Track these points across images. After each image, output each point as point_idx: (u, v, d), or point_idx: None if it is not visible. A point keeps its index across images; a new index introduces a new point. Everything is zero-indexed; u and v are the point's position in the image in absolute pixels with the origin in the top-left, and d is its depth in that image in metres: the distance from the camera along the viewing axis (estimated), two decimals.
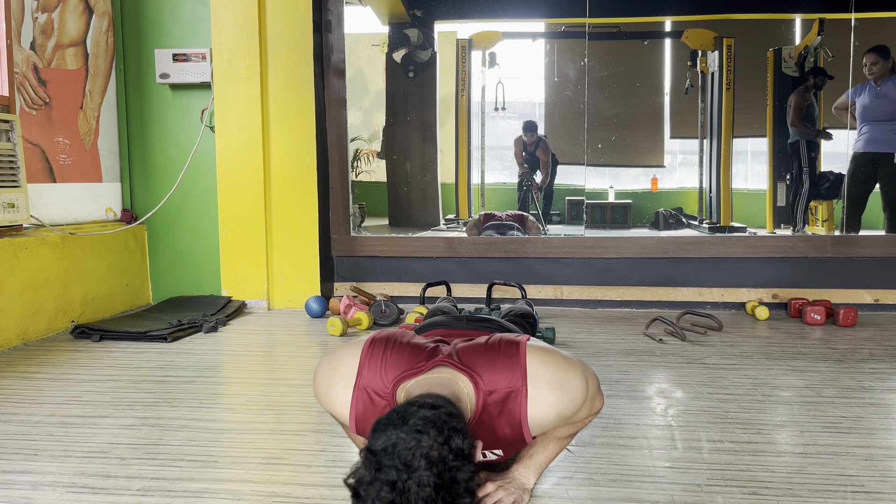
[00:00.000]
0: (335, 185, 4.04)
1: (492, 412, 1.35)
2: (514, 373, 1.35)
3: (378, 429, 1.16)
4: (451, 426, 1.16)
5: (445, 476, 1.10)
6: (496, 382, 1.34)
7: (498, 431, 1.37)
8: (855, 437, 1.89)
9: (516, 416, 1.35)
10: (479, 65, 6.87)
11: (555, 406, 1.35)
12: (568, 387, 1.36)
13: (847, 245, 3.77)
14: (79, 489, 1.59)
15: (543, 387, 1.35)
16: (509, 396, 1.34)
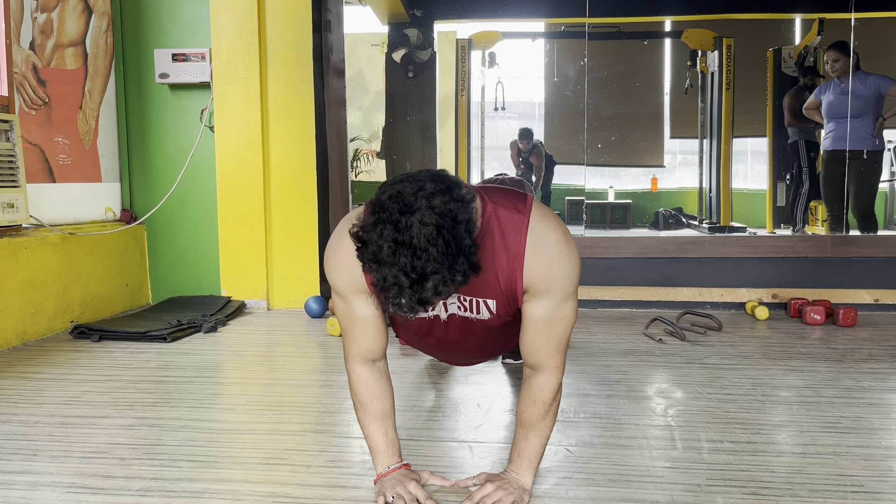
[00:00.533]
0: (335, 185, 4.04)
1: (494, 234, 1.36)
2: (521, 205, 1.40)
3: (384, 185, 1.21)
4: (451, 180, 1.22)
5: (447, 216, 1.15)
6: (503, 204, 1.39)
7: (497, 262, 1.38)
8: (854, 437, 1.89)
9: (515, 247, 1.37)
10: (479, 65, 6.88)
11: (551, 254, 1.38)
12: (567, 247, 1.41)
13: (847, 245, 3.77)
14: (78, 489, 1.59)
15: (544, 229, 1.39)
16: (511, 223, 1.37)
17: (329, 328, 3.22)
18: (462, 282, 1.19)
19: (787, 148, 6.38)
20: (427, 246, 1.13)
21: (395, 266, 1.13)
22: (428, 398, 2.27)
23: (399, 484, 1.48)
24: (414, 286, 1.14)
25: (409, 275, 1.14)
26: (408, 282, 1.14)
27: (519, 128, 6.80)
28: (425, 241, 1.13)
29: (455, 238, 1.15)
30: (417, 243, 1.13)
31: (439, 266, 1.14)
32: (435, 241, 1.13)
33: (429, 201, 1.15)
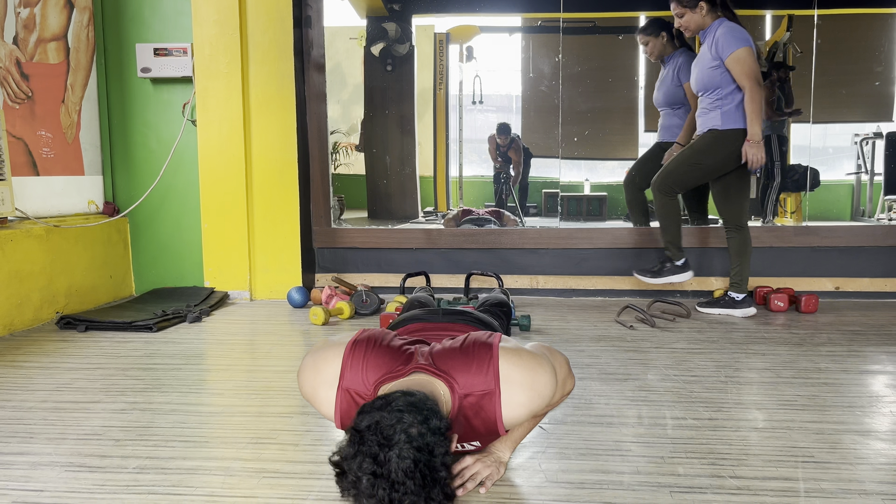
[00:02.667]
0: (316, 177, 4.12)
1: (468, 413, 1.43)
2: (487, 376, 1.43)
3: (363, 411, 1.26)
4: (429, 407, 1.27)
5: (424, 450, 1.20)
6: (471, 386, 1.43)
7: (474, 429, 1.46)
8: (808, 413, 2.03)
9: (491, 416, 1.43)
10: (457, 59, 6.95)
11: (526, 406, 1.44)
12: (538, 386, 1.44)
13: (809, 235, 3.93)
14: (76, 468, 1.67)
15: (515, 389, 1.43)
16: (483, 398, 1.43)
17: (312, 317, 3.30)
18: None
19: None
20: (404, 479, 1.18)
21: (373, 498, 1.18)
22: None
23: None
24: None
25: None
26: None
27: (497, 122, 6.89)
28: (403, 475, 1.18)
29: (431, 471, 1.21)
30: (395, 477, 1.18)
31: (416, 498, 1.19)
32: (412, 475, 1.18)
33: (407, 434, 1.20)
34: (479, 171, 7.11)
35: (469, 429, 1.46)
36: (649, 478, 1.59)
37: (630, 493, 1.52)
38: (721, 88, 3.31)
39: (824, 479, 1.58)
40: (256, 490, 1.55)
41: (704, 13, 3.30)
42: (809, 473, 1.61)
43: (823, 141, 7.63)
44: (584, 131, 6.72)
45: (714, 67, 3.30)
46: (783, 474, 1.61)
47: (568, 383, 1.59)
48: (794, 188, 6.46)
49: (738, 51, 3.19)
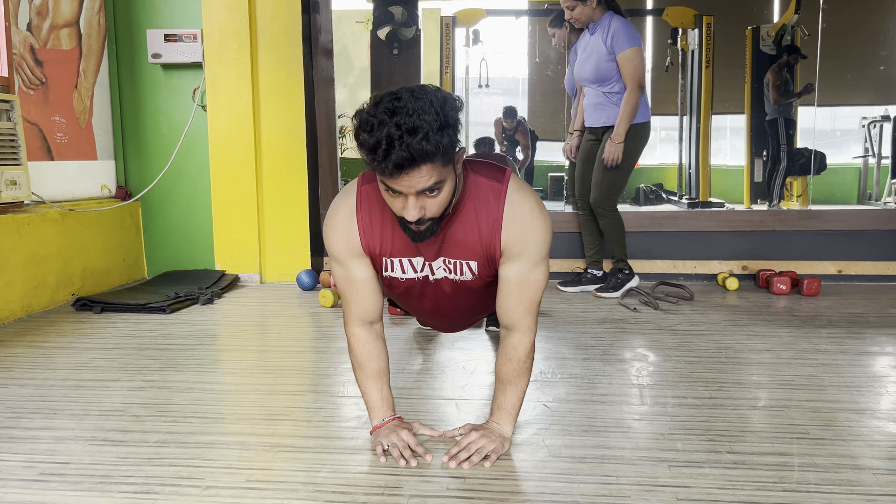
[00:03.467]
0: (324, 162, 4.17)
1: (475, 199, 1.54)
2: (500, 175, 1.56)
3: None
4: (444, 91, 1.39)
5: (439, 95, 1.34)
6: (483, 173, 1.56)
7: (478, 224, 1.55)
8: (805, 392, 2.08)
9: (495, 212, 1.54)
10: (463, 42, 6.96)
11: (525, 221, 1.54)
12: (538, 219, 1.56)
13: (813, 219, 3.96)
14: (100, 442, 1.74)
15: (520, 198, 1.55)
16: (491, 191, 1.54)
17: (321, 300, 3.37)
18: (447, 146, 1.33)
19: (764, 125, 6.56)
20: (419, 110, 1.30)
21: (389, 124, 1.29)
22: (416, 362, 2.43)
23: (392, 433, 1.65)
24: (403, 137, 1.28)
25: (400, 127, 1.29)
26: (398, 133, 1.28)
27: (503, 105, 6.92)
28: (419, 106, 1.30)
29: (444, 111, 1.32)
30: (411, 107, 1.29)
31: (428, 126, 1.29)
32: (427, 110, 1.30)
33: (423, 88, 1.34)
34: None
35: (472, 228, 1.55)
36: (649, 453, 1.65)
37: (630, 466, 1.58)
38: (617, 82, 3.39)
39: (818, 455, 1.64)
40: (272, 463, 1.62)
41: (594, 6, 3.36)
42: (804, 449, 1.67)
43: (832, 124, 7.64)
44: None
45: (610, 60, 3.35)
46: (778, 450, 1.67)
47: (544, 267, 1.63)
48: (800, 172, 6.48)
49: (630, 49, 3.28)
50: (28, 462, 1.63)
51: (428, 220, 1.43)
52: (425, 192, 1.38)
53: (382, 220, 1.59)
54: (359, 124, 1.34)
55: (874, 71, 6.85)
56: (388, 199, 1.43)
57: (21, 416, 1.93)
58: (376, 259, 1.63)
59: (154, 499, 1.45)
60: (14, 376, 2.29)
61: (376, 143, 1.30)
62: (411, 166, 1.31)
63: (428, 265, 1.64)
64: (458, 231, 1.56)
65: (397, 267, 1.64)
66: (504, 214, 1.54)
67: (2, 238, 3.01)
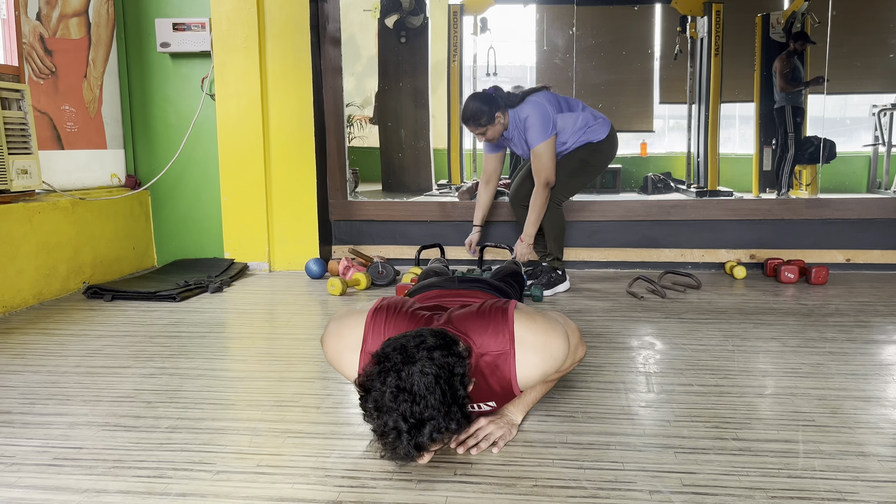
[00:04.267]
0: (332, 151, 4.18)
1: (484, 372, 1.51)
2: (503, 337, 1.50)
3: (388, 342, 1.37)
4: (450, 336, 1.38)
5: (445, 368, 1.31)
6: (487, 346, 1.50)
7: (490, 388, 1.54)
8: (812, 380, 2.09)
9: (506, 376, 1.51)
10: (471, 30, 6.94)
11: (539, 367, 1.52)
12: (551, 349, 1.52)
13: (821, 207, 3.95)
14: (112, 427, 1.77)
15: (529, 351, 1.50)
16: (499, 358, 1.50)
17: (329, 288, 3.39)
18: (455, 430, 1.33)
19: (773, 113, 6.52)
20: (426, 394, 1.27)
21: (396, 412, 1.27)
22: None
23: None
24: (411, 431, 1.28)
25: (407, 419, 1.27)
26: (406, 426, 1.27)
27: None
28: (424, 388, 1.27)
29: (451, 388, 1.30)
30: (417, 390, 1.27)
31: (436, 413, 1.28)
32: (433, 390, 1.28)
33: (429, 353, 1.30)
34: None
35: (485, 388, 1.54)
36: (655, 439, 1.67)
37: (636, 453, 1.60)
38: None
39: (824, 442, 1.65)
40: (282, 448, 1.64)
41: (504, 119, 3.26)
42: (809, 436, 1.68)
43: (843, 112, 7.58)
44: (598, 104, 6.70)
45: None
46: (784, 437, 1.68)
47: (579, 350, 1.66)
48: (809, 160, 6.45)
49: (539, 145, 3.20)
50: (42, 447, 1.66)
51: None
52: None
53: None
54: (363, 392, 1.32)
55: (884, 59, 6.79)
56: None
57: (35, 403, 1.95)
58: None
59: (166, 483, 1.47)
60: (27, 363, 2.32)
61: (383, 431, 1.29)
62: (420, 455, 1.34)
63: None
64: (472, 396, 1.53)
65: None
66: (517, 372, 1.51)
67: (13, 227, 3.04)
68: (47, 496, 1.42)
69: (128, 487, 1.46)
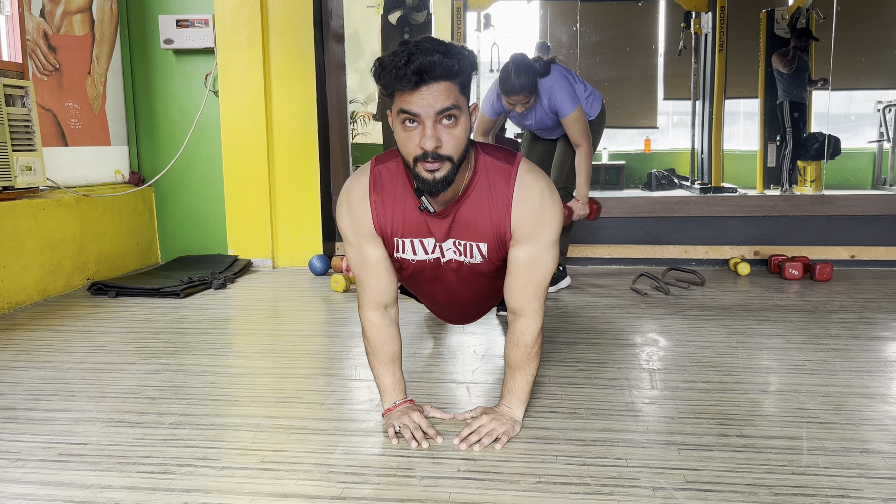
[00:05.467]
0: (335, 147, 4.18)
1: (485, 178, 1.56)
2: (510, 158, 1.58)
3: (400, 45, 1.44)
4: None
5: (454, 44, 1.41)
6: (494, 155, 1.58)
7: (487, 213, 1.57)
8: (816, 377, 2.09)
9: (504, 195, 1.55)
10: (475, 26, 6.93)
11: (535, 203, 1.55)
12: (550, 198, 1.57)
13: (826, 204, 3.94)
14: (117, 423, 1.77)
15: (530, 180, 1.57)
16: (501, 172, 1.56)
17: (333, 284, 3.39)
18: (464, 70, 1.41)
19: (776, 109, 6.51)
20: (436, 43, 1.38)
21: (411, 45, 1.37)
22: (427, 346, 2.45)
23: (404, 415, 1.67)
24: (424, 51, 1.36)
25: (420, 45, 1.37)
26: (418, 49, 1.36)
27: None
28: (436, 42, 1.38)
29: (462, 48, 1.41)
30: (428, 43, 1.38)
31: (447, 48, 1.38)
32: (442, 42, 1.39)
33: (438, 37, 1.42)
34: None
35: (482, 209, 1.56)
36: (658, 436, 1.67)
37: (639, 449, 1.60)
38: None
39: (827, 439, 1.65)
40: (286, 445, 1.64)
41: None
42: (813, 433, 1.68)
43: (847, 108, 7.56)
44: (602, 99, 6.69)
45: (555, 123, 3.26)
46: (788, 434, 1.67)
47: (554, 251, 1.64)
48: (813, 157, 6.43)
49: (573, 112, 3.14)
50: (47, 443, 1.67)
51: (445, 157, 1.43)
52: (442, 120, 1.41)
53: (395, 201, 1.60)
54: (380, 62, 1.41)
55: (889, 54, 6.76)
56: (403, 138, 1.45)
57: (39, 399, 1.96)
58: (388, 240, 1.64)
59: (170, 479, 1.48)
60: (32, 359, 2.33)
61: (397, 57, 1.37)
62: (431, 78, 1.37)
63: (438, 246, 1.65)
64: (468, 212, 1.57)
65: (408, 248, 1.65)
66: (514, 196, 1.55)
67: (18, 223, 3.05)
68: (52, 492, 1.43)
69: (132, 483, 1.46)
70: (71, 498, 1.40)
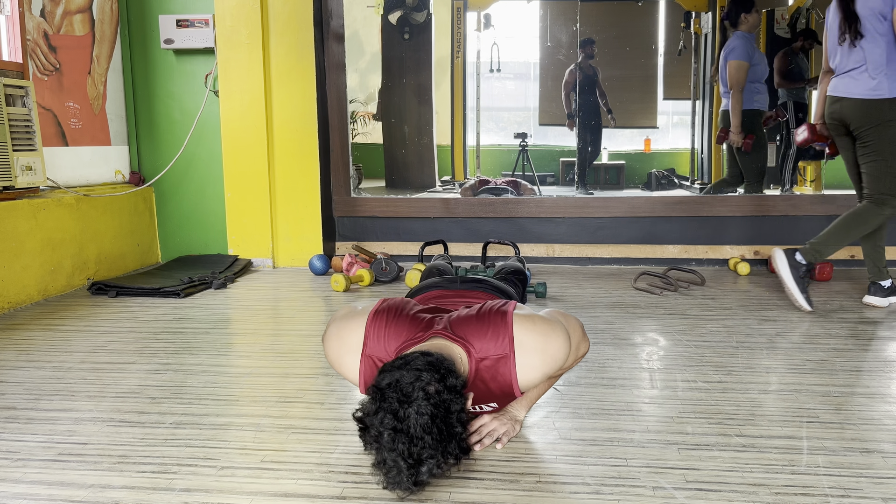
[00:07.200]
0: (335, 147, 4.18)
1: (484, 376, 1.50)
2: (503, 341, 1.49)
3: (384, 370, 1.35)
4: (445, 367, 1.36)
5: (441, 406, 1.29)
6: (487, 350, 1.49)
7: (491, 391, 1.54)
8: (816, 377, 2.09)
9: (506, 379, 1.50)
10: (475, 26, 6.93)
11: (540, 368, 1.51)
12: (551, 350, 1.50)
13: (826, 203, 3.94)
14: (117, 423, 1.78)
15: (529, 353, 1.49)
16: (499, 362, 1.49)
17: (333, 284, 3.39)
18: (454, 463, 1.34)
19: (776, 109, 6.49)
20: (423, 434, 1.27)
21: (394, 451, 1.27)
22: None
23: None
24: (411, 470, 1.28)
25: (406, 460, 1.27)
26: (405, 465, 1.27)
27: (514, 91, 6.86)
28: (421, 430, 1.26)
29: (448, 426, 1.30)
30: (414, 432, 1.26)
31: (433, 452, 1.28)
32: (430, 430, 1.27)
33: (425, 392, 1.29)
34: (497, 139, 7.11)
35: (486, 391, 1.53)
36: (658, 436, 1.67)
37: (639, 449, 1.60)
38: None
39: (827, 438, 1.65)
40: (286, 444, 1.64)
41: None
42: (813, 433, 1.68)
43: None
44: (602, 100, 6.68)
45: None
46: (788, 433, 1.68)
47: (582, 346, 1.65)
48: (813, 157, 6.43)
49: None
50: (47, 443, 1.67)
51: None
52: None
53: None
54: (362, 426, 1.33)
55: None
56: None
57: (40, 398, 1.96)
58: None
59: (171, 478, 1.48)
60: (32, 359, 2.33)
61: (384, 467, 1.30)
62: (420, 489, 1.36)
63: None
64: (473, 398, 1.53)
65: None
66: (518, 375, 1.50)
67: (18, 223, 3.05)
68: (52, 491, 1.43)
69: (132, 483, 1.46)
70: (71, 498, 1.40)
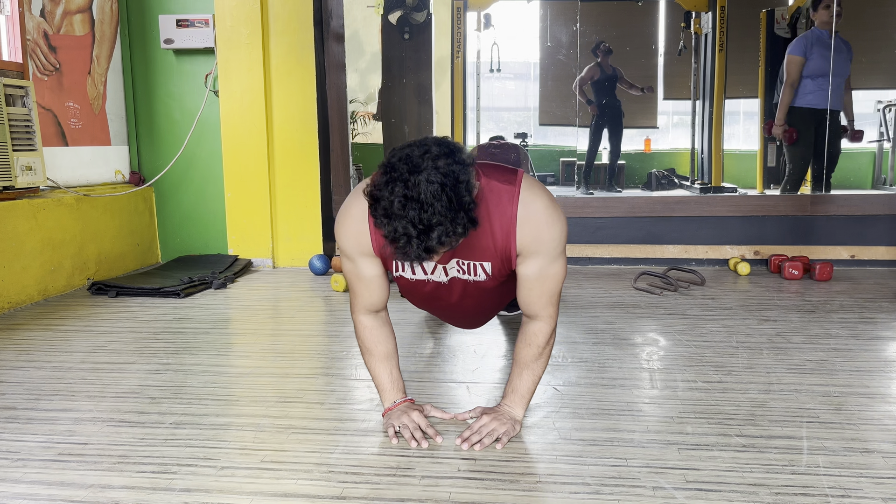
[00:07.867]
0: (335, 147, 4.18)
1: (488, 203, 1.52)
2: (512, 178, 1.55)
3: (394, 149, 1.38)
4: (454, 145, 1.38)
5: (450, 175, 1.32)
6: (495, 177, 1.54)
7: (491, 233, 1.55)
8: (816, 377, 2.09)
9: (508, 214, 1.53)
10: (475, 26, 6.93)
11: (540, 220, 1.54)
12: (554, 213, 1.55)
13: (825, 204, 3.94)
14: (117, 423, 1.77)
15: (532, 197, 1.54)
16: (504, 193, 1.53)
17: (333, 284, 3.39)
18: (462, 233, 1.35)
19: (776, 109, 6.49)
20: (433, 201, 1.29)
21: (405, 219, 1.29)
22: (427, 346, 2.45)
23: (404, 415, 1.67)
24: (421, 236, 1.30)
25: (416, 226, 1.29)
26: (415, 232, 1.30)
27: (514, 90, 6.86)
28: (431, 196, 1.28)
29: (457, 195, 1.31)
30: (424, 198, 1.28)
31: (443, 219, 1.30)
32: (439, 197, 1.29)
33: (434, 162, 1.31)
34: None
35: (485, 233, 1.54)
36: (658, 436, 1.67)
37: (639, 449, 1.60)
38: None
39: (828, 439, 1.65)
40: (286, 444, 1.64)
41: None
42: (814, 433, 1.68)
43: None
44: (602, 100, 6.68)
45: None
46: (788, 433, 1.68)
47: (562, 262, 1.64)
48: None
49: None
50: (47, 443, 1.67)
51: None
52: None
53: None
54: (372, 201, 1.34)
55: (889, 54, 6.76)
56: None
57: (40, 398, 1.96)
58: (387, 260, 1.64)
59: (171, 479, 1.48)
60: (32, 359, 2.33)
61: (394, 237, 1.31)
62: (430, 257, 1.35)
63: (441, 267, 1.65)
64: (471, 235, 1.54)
65: (408, 268, 1.66)
66: (518, 216, 1.53)
67: (18, 223, 3.05)
68: (52, 491, 1.43)
69: (132, 483, 1.46)
70: (71, 498, 1.40)
